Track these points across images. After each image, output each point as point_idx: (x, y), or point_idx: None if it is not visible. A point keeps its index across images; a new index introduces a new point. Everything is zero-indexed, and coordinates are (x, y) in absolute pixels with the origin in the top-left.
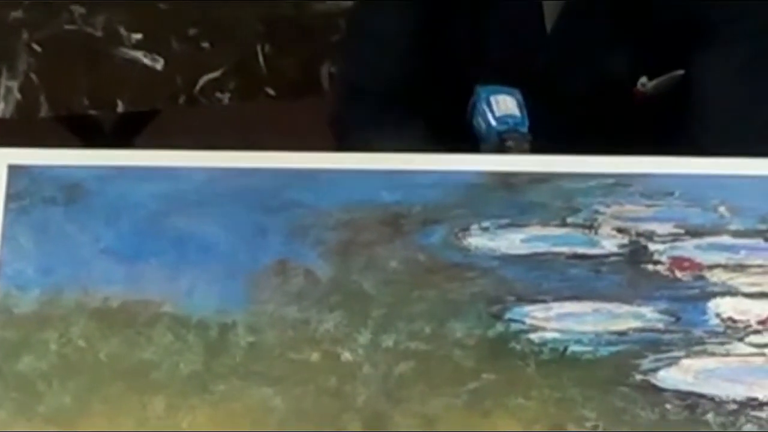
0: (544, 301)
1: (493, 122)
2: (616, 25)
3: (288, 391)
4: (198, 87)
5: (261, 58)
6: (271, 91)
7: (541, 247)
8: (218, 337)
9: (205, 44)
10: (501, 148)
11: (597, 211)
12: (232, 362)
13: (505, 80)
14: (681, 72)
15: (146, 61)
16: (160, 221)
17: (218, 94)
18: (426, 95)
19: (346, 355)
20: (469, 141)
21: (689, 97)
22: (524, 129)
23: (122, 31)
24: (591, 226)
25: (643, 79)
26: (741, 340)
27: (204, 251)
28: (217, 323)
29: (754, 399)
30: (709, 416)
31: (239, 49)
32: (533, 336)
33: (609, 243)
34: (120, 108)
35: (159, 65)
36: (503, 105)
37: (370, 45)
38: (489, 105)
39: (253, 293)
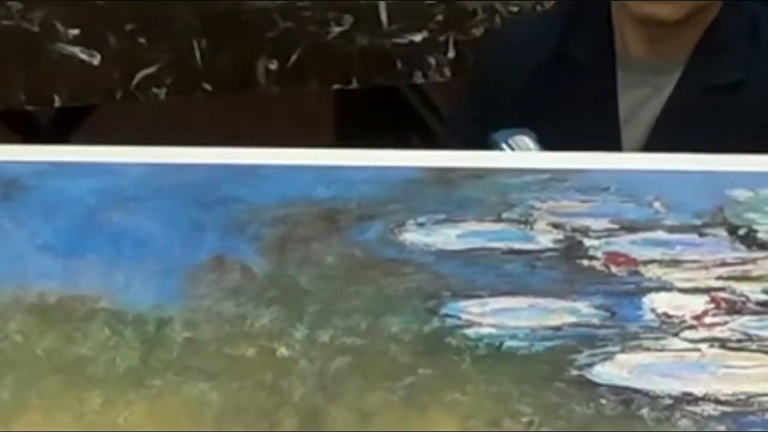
0: (479, 297)
1: None
2: None
3: (224, 386)
4: (135, 82)
5: (197, 54)
6: (207, 87)
7: (477, 243)
8: (155, 332)
9: (142, 40)
10: None
11: (532, 207)
12: (168, 357)
13: None
14: None
15: (83, 56)
16: (96, 217)
17: (155, 90)
18: None
19: (282, 351)
20: None
21: None
22: None
23: (59, 26)
24: (526, 221)
25: None
26: (676, 335)
27: (141, 247)
28: (153, 318)
29: (689, 394)
30: (644, 411)
31: (176, 44)
32: (469, 331)
33: (544, 238)
34: (57, 103)
35: (96, 61)
36: (522, 143)
37: None
38: (508, 146)
39: (190, 289)
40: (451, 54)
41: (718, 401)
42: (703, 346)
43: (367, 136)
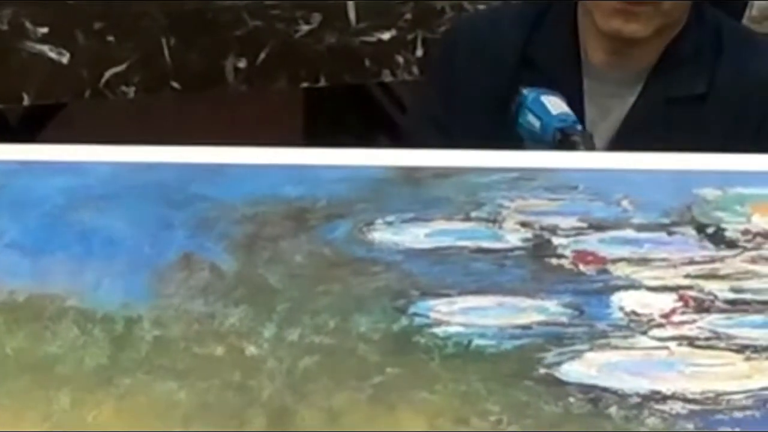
0: (448, 296)
1: (552, 120)
2: None
3: (193, 385)
4: (103, 80)
5: (166, 52)
6: (176, 85)
7: (445, 242)
8: (124, 331)
9: (111, 38)
10: (563, 144)
11: (501, 206)
12: (137, 356)
13: None
14: None
15: (52, 54)
16: (65, 215)
17: (123, 88)
18: None
19: (251, 350)
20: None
21: None
22: (580, 126)
23: (28, 24)
24: (495, 220)
25: None
26: (644, 333)
27: (109, 245)
28: (122, 317)
29: (658, 392)
30: (613, 410)
31: (144, 42)
32: (437, 330)
33: (513, 237)
34: (26, 101)
35: (65, 59)
36: (556, 104)
37: None
38: (542, 104)
39: (159, 287)
40: (419, 52)
41: (686, 399)
42: (672, 345)
43: (335, 134)
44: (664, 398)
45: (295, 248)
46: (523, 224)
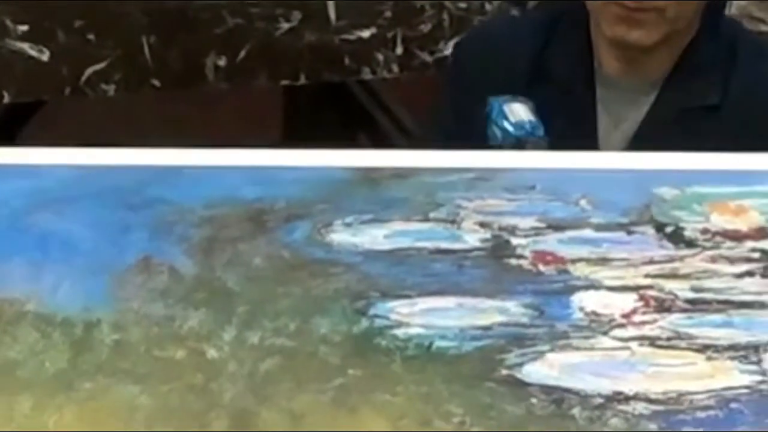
0: (408, 297)
1: (510, 128)
2: None
3: (154, 388)
4: (84, 78)
5: (146, 50)
6: (156, 83)
7: (404, 243)
8: (83, 335)
9: (91, 36)
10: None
11: (459, 206)
12: (97, 360)
13: None
14: None
15: (32, 52)
16: (22, 219)
17: (104, 86)
18: None
19: (212, 353)
20: None
21: None
22: (540, 132)
23: (8, 22)
24: (453, 220)
25: None
26: (605, 333)
27: (68, 249)
28: (82, 321)
29: (620, 393)
30: (576, 411)
31: (125, 40)
32: (398, 332)
33: (472, 237)
34: (6, 99)
35: (45, 56)
36: (517, 112)
37: None
38: (503, 113)
39: (118, 291)
40: (399, 50)
41: (648, 400)
42: (633, 345)
43: (315, 131)
44: (627, 399)
45: (253, 250)
46: (482, 224)
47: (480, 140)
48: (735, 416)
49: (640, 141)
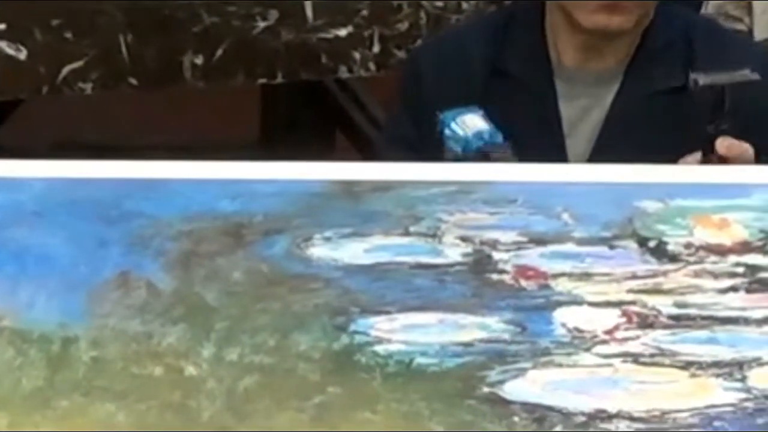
0: (388, 312)
1: (469, 142)
2: None
3: (131, 406)
4: (61, 77)
5: (123, 49)
6: (133, 81)
7: (385, 257)
8: (60, 351)
9: (68, 34)
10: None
11: (440, 220)
12: (74, 377)
13: None
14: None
15: (9, 51)
16: None
17: (81, 84)
18: None
19: (190, 369)
20: None
21: None
22: (499, 139)
23: None
24: (434, 234)
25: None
26: (588, 350)
27: (44, 264)
28: (59, 337)
29: (603, 411)
30: (558, 429)
31: (102, 39)
32: (378, 348)
33: (453, 252)
34: None
35: (22, 55)
36: (471, 122)
37: None
38: (458, 126)
39: (95, 306)
40: (376, 49)
41: (632, 418)
42: (616, 362)
43: (292, 129)
44: (610, 417)
45: (232, 265)
46: (463, 239)
47: (439, 150)
48: None
49: (610, 129)
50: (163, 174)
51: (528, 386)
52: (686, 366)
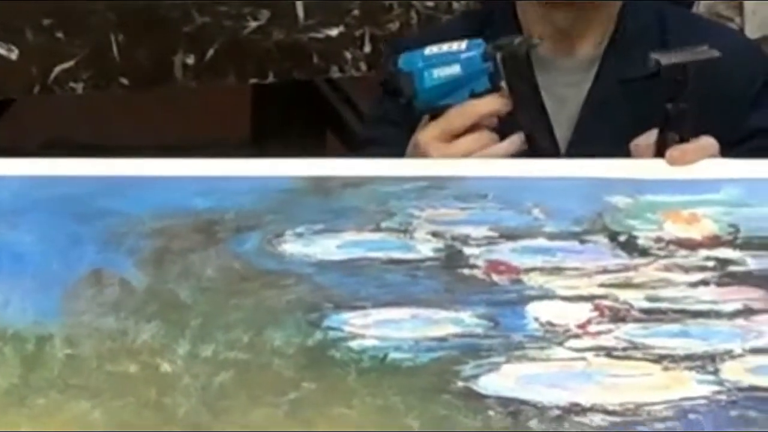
0: (362, 308)
1: (464, 54)
2: None
3: (107, 403)
4: (52, 76)
5: (115, 48)
6: (124, 81)
7: (357, 253)
8: (35, 349)
9: (60, 34)
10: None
11: (411, 215)
12: (50, 375)
13: None
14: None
15: (1, 51)
16: None
17: (72, 84)
18: None
19: (165, 366)
20: None
21: None
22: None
23: None
24: (406, 230)
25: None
26: (561, 344)
27: (17, 262)
28: (33, 335)
29: (577, 404)
30: (533, 423)
31: (93, 38)
32: (352, 343)
33: (424, 247)
34: None
35: (14, 55)
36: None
37: None
38: (433, 54)
39: (69, 304)
40: (367, 48)
41: (606, 411)
42: (589, 355)
43: (284, 130)
44: (584, 410)
45: (205, 262)
46: (435, 234)
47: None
48: (694, 427)
49: (586, 117)
50: (135, 171)
51: (502, 380)
52: (659, 359)
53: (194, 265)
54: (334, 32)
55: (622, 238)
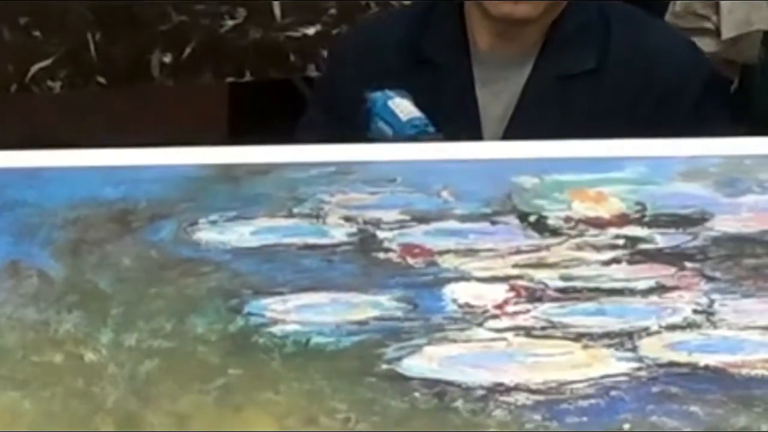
0: (281, 294)
1: (402, 126)
2: None
3: (35, 393)
4: (29, 75)
5: (92, 47)
6: (101, 80)
7: (271, 239)
8: None
9: (37, 33)
10: None
11: (322, 201)
12: None
13: None
14: None
15: None
16: None
17: (50, 82)
18: None
19: (90, 356)
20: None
21: None
22: (432, 128)
23: None
24: (318, 215)
25: None
26: (480, 325)
27: None
28: None
29: (501, 384)
30: (459, 403)
31: (70, 38)
32: (275, 329)
33: (338, 232)
34: None
35: None
36: (405, 108)
37: None
38: (391, 111)
39: None
40: None
41: (530, 390)
42: (509, 335)
43: (261, 128)
44: (508, 390)
45: (121, 251)
46: (347, 219)
47: (358, 136)
48: (617, 404)
49: (520, 112)
50: (42, 162)
51: (425, 362)
52: (578, 338)
53: (111, 255)
54: (311, 31)
55: (532, 219)
